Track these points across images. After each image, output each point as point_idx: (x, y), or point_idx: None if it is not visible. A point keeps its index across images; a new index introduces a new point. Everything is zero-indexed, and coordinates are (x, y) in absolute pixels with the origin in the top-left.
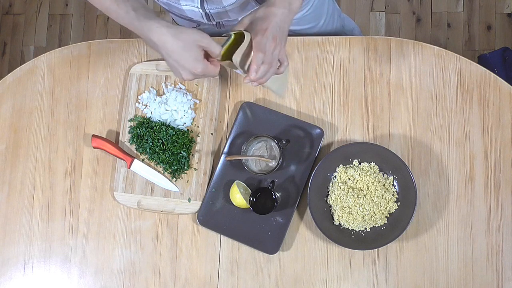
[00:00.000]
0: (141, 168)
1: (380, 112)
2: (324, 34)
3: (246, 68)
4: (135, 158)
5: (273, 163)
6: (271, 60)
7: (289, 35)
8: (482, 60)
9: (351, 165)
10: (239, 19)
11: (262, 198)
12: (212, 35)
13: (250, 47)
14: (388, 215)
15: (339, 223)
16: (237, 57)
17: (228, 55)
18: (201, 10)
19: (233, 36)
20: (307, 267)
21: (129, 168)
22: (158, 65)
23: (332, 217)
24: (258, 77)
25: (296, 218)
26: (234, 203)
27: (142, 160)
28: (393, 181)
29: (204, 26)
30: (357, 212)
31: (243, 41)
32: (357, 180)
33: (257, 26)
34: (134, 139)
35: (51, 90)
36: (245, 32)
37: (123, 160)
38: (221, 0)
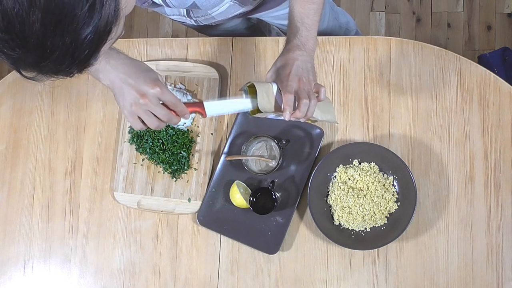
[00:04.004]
0: (215, 107)
1: (380, 112)
2: (319, 30)
3: (274, 110)
4: (203, 101)
5: (273, 163)
6: (306, 95)
7: (285, 34)
8: (482, 60)
9: (351, 165)
10: (228, 17)
11: (262, 198)
12: (201, 28)
13: (277, 93)
14: (388, 215)
15: (339, 223)
16: (265, 107)
17: (255, 108)
18: (188, 19)
19: (247, 89)
20: (307, 267)
21: (206, 116)
22: (158, 65)
23: (332, 217)
24: (302, 113)
25: (296, 218)
26: (234, 203)
27: (142, 160)
28: (393, 181)
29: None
30: (357, 212)
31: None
32: (357, 180)
33: (280, 74)
34: (134, 139)
35: (51, 90)
36: (269, 83)
37: (199, 113)
38: (206, 9)
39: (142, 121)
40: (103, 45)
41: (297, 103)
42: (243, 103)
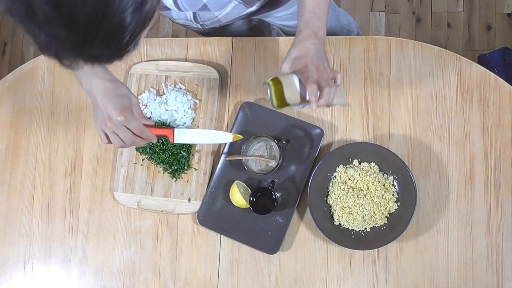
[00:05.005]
0: (185, 135)
1: (380, 112)
2: None
3: (299, 102)
4: (174, 128)
5: (273, 163)
6: (327, 84)
7: (286, 34)
8: (482, 60)
9: (351, 165)
10: (234, 18)
11: (262, 198)
12: (206, 33)
13: (299, 84)
14: (388, 215)
15: (339, 223)
16: (291, 98)
17: (281, 101)
18: (195, 23)
19: (271, 83)
20: (307, 267)
21: (173, 142)
22: (158, 65)
23: (332, 217)
24: (325, 101)
25: (296, 218)
26: (234, 203)
27: (143, 160)
28: (393, 181)
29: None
30: (357, 212)
31: (280, 83)
32: (357, 180)
33: (297, 65)
34: None
35: (51, 90)
36: (290, 75)
37: (165, 136)
38: (215, 10)
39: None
40: (145, 29)
41: (319, 92)
42: (218, 136)
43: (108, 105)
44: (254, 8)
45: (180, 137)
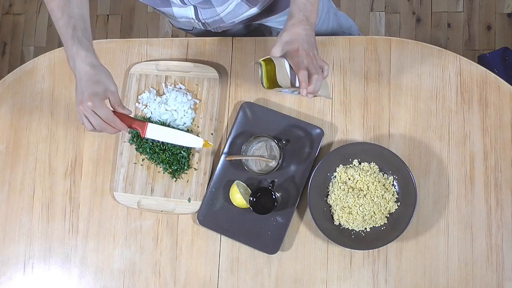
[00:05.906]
0: (158, 131)
1: (380, 112)
2: (320, 33)
3: (290, 86)
4: (148, 122)
5: (273, 163)
6: (316, 71)
7: None
8: (482, 60)
9: (351, 165)
10: (235, 21)
11: (262, 198)
12: (205, 34)
13: (289, 69)
14: (388, 215)
15: (339, 223)
16: (282, 81)
17: (271, 82)
18: (196, 21)
19: (263, 63)
20: (307, 267)
21: (144, 136)
22: (158, 65)
23: (332, 217)
24: (313, 88)
25: (296, 218)
26: (234, 203)
27: (142, 160)
28: (393, 181)
29: (200, 30)
30: (357, 212)
31: (272, 65)
32: (357, 180)
33: (288, 50)
34: (134, 139)
35: (51, 90)
36: (282, 58)
37: (137, 129)
38: (215, 9)
39: None
40: None
41: (308, 78)
42: (189, 139)
43: (84, 88)
44: (256, 10)
45: (152, 133)
